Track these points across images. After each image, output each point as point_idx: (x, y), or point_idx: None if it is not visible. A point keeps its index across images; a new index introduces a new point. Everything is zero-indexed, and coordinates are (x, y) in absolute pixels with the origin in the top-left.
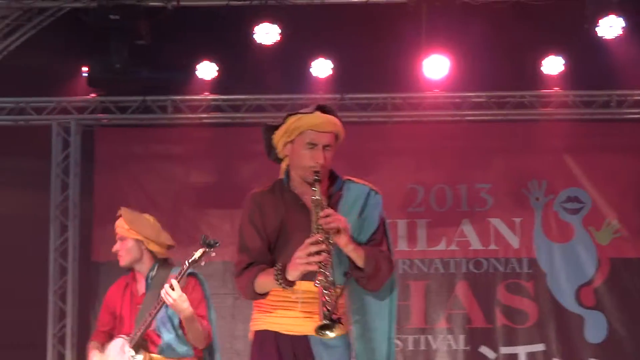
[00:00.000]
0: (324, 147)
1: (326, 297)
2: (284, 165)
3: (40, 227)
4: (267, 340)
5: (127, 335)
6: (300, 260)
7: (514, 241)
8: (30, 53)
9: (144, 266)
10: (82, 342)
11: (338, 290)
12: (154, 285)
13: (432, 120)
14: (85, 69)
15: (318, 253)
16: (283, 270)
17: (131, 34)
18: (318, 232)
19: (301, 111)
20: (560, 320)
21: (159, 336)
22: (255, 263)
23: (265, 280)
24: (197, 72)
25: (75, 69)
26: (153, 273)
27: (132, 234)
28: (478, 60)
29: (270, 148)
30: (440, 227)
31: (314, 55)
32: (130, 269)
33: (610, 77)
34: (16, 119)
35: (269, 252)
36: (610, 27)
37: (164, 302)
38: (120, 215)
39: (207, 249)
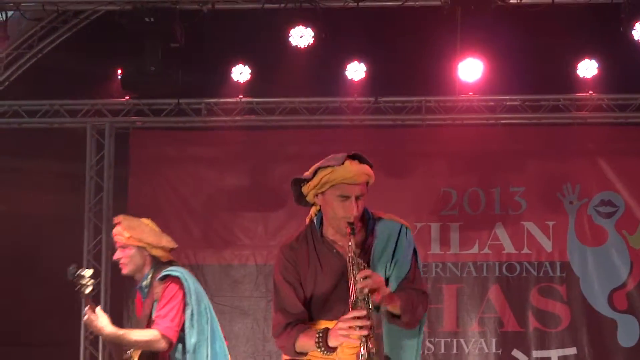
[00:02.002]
0: (357, 197)
1: (370, 340)
2: (313, 210)
3: (74, 228)
4: None
5: None
6: (343, 332)
7: (547, 245)
8: (65, 55)
9: (143, 275)
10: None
11: None
12: (149, 295)
13: (466, 124)
14: (119, 71)
15: (361, 327)
16: (325, 336)
17: (166, 36)
18: (358, 298)
19: (331, 164)
20: (593, 324)
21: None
22: (293, 323)
23: (306, 343)
24: (231, 75)
25: (109, 71)
26: (146, 282)
27: (133, 242)
28: (512, 63)
29: (300, 197)
30: (474, 231)
31: (348, 58)
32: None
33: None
34: (51, 122)
35: (305, 307)
36: None
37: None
38: (118, 223)
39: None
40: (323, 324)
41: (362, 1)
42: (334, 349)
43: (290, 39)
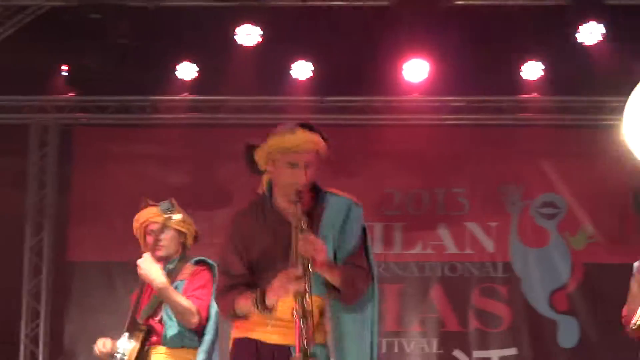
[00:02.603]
0: (306, 165)
1: (303, 329)
2: (265, 178)
3: (15, 225)
4: (246, 349)
5: None
6: (278, 289)
7: (490, 245)
8: (9, 51)
9: (169, 259)
10: (55, 342)
11: (314, 319)
12: (171, 276)
13: (411, 124)
14: (64, 67)
15: (297, 281)
16: (262, 296)
17: (111, 33)
18: (298, 260)
19: (282, 130)
20: (534, 325)
21: (161, 323)
22: (235, 285)
23: (244, 305)
24: (176, 73)
25: (54, 67)
26: (172, 266)
27: (180, 226)
28: (457, 64)
29: (252, 164)
30: (417, 231)
31: (294, 57)
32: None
33: (589, 83)
34: None
35: (249, 274)
36: (591, 33)
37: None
38: (150, 205)
39: None
40: None
41: (310, 0)
42: (270, 309)
43: (237, 37)
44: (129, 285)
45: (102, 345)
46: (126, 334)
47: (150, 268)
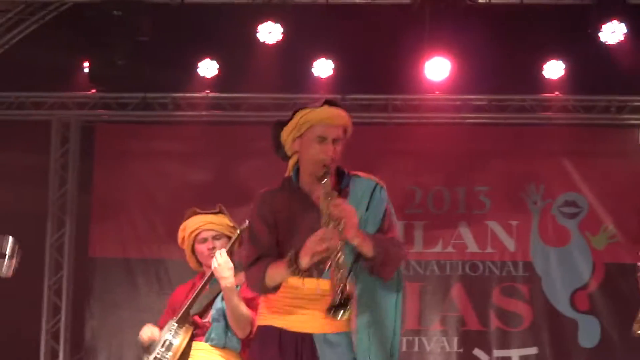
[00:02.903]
0: (334, 140)
1: (338, 281)
2: (292, 162)
3: (37, 222)
4: (269, 336)
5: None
6: (312, 245)
7: (511, 244)
8: (32, 47)
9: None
10: (76, 338)
11: (347, 274)
12: (217, 285)
13: (432, 123)
14: (86, 64)
15: (330, 239)
16: (296, 257)
17: (133, 30)
18: (329, 221)
19: (310, 105)
20: (554, 324)
21: (210, 323)
22: (264, 256)
23: (276, 272)
24: (198, 70)
25: (76, 64)
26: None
27: (230, 231)
28: (479, 63)
29: (279, 145)
30: (437, 229)
31: (316, 55)
32: (201, 272)
33: (611, 82)
34: (15, 114)
35: (277, 248)
36: (613, 32)
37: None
38: (222, 212)
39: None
40: (294, 278)
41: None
42: (305, 271)
43: (259, 35)
44: (150, 282)
45: (151, 332)
46: (175, 325)
47: (226, 264)
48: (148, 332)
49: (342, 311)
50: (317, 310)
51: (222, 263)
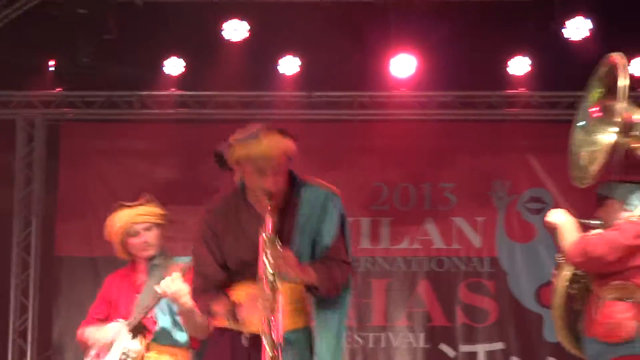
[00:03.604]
0: (274, 172)
1: (270, 336)
2: (237, 176)
3: (3, 221)
4: (224, 338)
5: (125, 320)
6: (247, 307)
7: (476, 240)
8: None
9: (150, 251)
10: (44, 336)
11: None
12: (156, 273)
13: (398, 119)
14: (51, 63)
15: (265, 301)
16: (233, 311)
17: (99, 28)
18: (267, 272)
19: (246, 136)
20: (520, 319)
21: (155, 322)
22: (209, 289)
23: (219, 310)
24: (164, 68)
25: (41, 62)
26: (157, 262)
27: (162, 220)
28: (445, 59)
29: (222, 163)
30: (404, 226)
31: (282, 53)
32: (131, 260)
33: (576, 78)
34: None
35: (223, 272)
36: (578, 28)
37: (163, 294)
38: (149, 201)
39: None
40: (241, 287)
41: None
42: (241, 323)
43: (224, 33)
44: None
45: (95, 338)
46: (126, 332)
47: (181, 288)
48: (89, 338)
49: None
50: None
51: (178, 288)
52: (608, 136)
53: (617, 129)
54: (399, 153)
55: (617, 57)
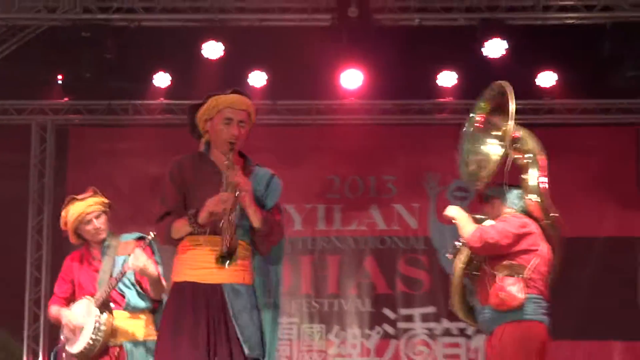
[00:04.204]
0: (239, 122)
1: (227, 236)
2: (204, 139)
3: (20, 209)
4: (184, 290)
5: (91, 296)
6: (210, 204)
7: (413, 223)
8: (14, 63)
9: (102, 235)
10: None
11: (238, 234)
12: (109, 252)
13: (348, 123)
14: (60, 77)
15: (226, 200)
16: (196, 214)
17: (99, 48)
18: (228, 188)
19: (219, 92)
20: (448, 288)
21: (122, 296)
22: (172, 213)
23: (179, 226)
24: (153, 81)
25: (51, 77)
26: (108, 243)
27: (107, 207)
28: (386, 73)
29: (194, 126)
30: (353, 211)
31: (252, 68)
32: (82, 243)
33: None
34: (0, 119)
35: (183, 208)
36: (495, 48)
37: (127, 269)
38: (96, 193)
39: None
40: (202, 238)
41: (265, 21)
42: (203, 227)
43: (203, 52)
44: None
45: (67, 319)
46: (97, 310)
47: (148, 262)
48: (63, 317)
49: (228, 261)
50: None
51: (143, 262)
52: (493, 148)
53: (499, 142)
54: (348, 151)
55: (505, 84)
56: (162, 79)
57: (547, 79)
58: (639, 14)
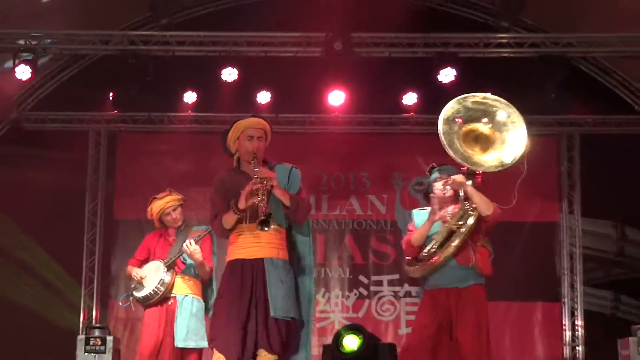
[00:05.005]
0: (258, 137)
1: (262, 206)
2: (235, 157)
3: (79, 197)
4: (235, 266)
5: (162, 260)
6: (245, 193)
7: (383, 210)
8: (76, 83)
9: (178, 223)
10: (105, 270)
11: (274, 219)
12: (181, 234)
13: (333, 132)
14: (111, 94)
15: (255, 185)
16: (236, 202)
17: (141, 72)
18: (258, 179)
19: (242, 118)
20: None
21: (184, 264)
22: (220, 213)
23: (227, 217)
24: (184, 98)
25: (104, 94)
26: (182, 228)
27: (181, 202)
28: (363, 94)
29: (226, 148)
30: (336, 200)
31: (259, 89)
32: (163, 226)
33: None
34: (66, 126)
35: (227, 207)
36: (447, 75)
37: (184, 250)
38: (171, 192)
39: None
40: (243, 225)
41: (270, 53)
42: (242, 211)
43: (222, 76)
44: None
45: (135, 271)
46: (165, 269)
47: (195, 249)
48: (133, 271)
49: (266, 226)
50: (264, 243)
51: (192, 251)
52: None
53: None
54: (334, 154)
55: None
56: (190, 97)
57: None
58: (557, 50)
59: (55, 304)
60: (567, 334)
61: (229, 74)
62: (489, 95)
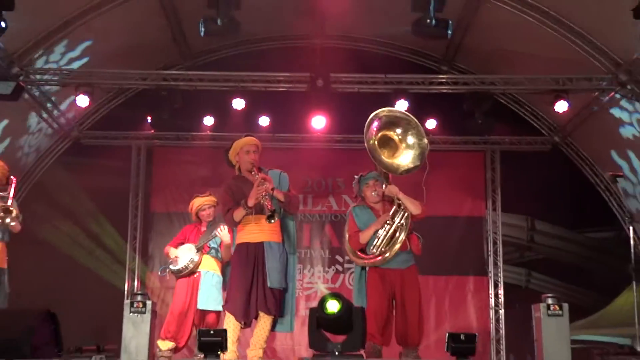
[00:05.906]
0: (253, 151)
1: (268, 205)
2: (236, 167)
3: (124, 195)
4: (242, 248)
5: (194, 244)
6: (252, 194)
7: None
8: (122, 109)
9: (209, 218)
10: (144, 250)
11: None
12: (211, 227)
13: (316, 148)
14: (149, 118)
15: (260, 187)
16: (245, 200)
17: (172, 101)
18: (259, 183)
19: (239, 138)
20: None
21: (209, 247)
22: (230, 209)
23: (237, 212)
24: (204, 122)
25: (143, 117)
26: (212, 222)
27: (215, 203)
28: (339, 118)
29: (228, 161)
30: (318, 199)
31: (260, 114)
32: (197, 220)
33: None
34: (114, 142)
35: (236, 205)
36: (402, 105)
37: (216, 234)
38: (210, 194)
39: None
40: (250, 218)
41: (269, 88)
42: (251, 208)
43: (233, 104)
44: (180, 222)
45: (174, 254)
46: (195, 250)
47: (226, 234)
48: (171, 250)
49: (272, 219)
50: (264, 230)
51: (224, 234)
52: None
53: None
54: (316, 164)
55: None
56: (208, 120)
57: (431, 123)
58: (483, 87)
59: (112, 267)
60: (492, 301)
61: (238, 103)
62: (393, 109)
